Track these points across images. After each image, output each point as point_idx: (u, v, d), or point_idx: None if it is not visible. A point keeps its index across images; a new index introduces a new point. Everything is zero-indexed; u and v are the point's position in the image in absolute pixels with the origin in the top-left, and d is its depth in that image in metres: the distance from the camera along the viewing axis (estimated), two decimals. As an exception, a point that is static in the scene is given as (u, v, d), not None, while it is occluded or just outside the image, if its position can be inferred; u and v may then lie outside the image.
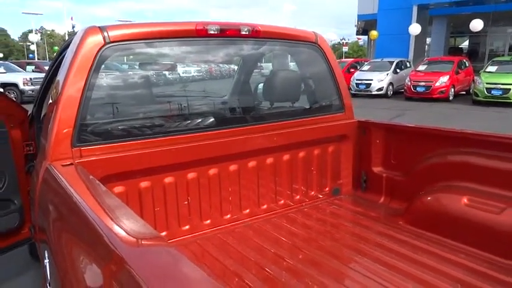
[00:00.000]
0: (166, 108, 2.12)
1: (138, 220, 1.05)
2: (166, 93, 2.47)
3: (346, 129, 2.46)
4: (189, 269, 0.80)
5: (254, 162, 2.16)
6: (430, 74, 14.20)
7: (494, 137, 1.91)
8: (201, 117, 2.05)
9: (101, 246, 0.93)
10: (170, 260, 0.86)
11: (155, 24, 1.88)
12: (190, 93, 2.50)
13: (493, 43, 23.94)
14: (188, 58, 2.32)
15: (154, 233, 0.99)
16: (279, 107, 2.41)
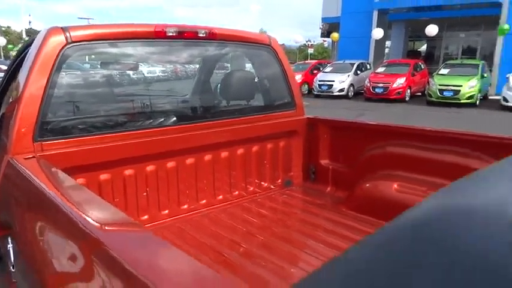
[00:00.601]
0: (124, 106, 2.24)
1: (109, 207, 1.15)
2: (125, 92, 2.59)
3: (296, 126, 2.67)
4: (166, 247, 0.85)
5: (210, 156, 2.33)
6: (388, 76, 14.85)
7: (420, 130, 2.19)
8: (158, 113, 2.20)
9: (75, 233, 0.97)
10: (147, 241, 0.91)
11: (116, 25, 2.01)
12: (149, 91, 2.63)
13: (448, 47, 25.20)
14: (147, 59, 2.45)
15: (127, 219, 1.07)
16: (235, 104, 2.58)
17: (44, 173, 1.54)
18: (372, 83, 14.88)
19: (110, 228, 1.02)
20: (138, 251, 0.83)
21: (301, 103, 2.74)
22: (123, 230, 1.03)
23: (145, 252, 0.82)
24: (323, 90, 16.09)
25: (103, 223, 1.02)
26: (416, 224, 0.45)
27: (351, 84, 16.24)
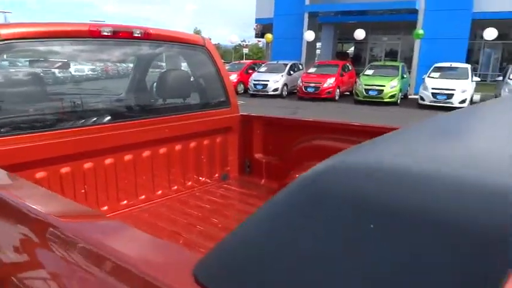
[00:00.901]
0: (57, 105, 2.22)
1: (63, 199, 1.19)
2: (59, 91, 2.56)
3: (231, 123, 2.82)
4: (131, 230, 0.90)
5: (149, 152, 2.40)
6: (319, 76, 15.58)
7: (341, 125, 2.45)
8: (94, 111, 2.22)
9: (37, 228, 0.97)
10: (113, 226, 0.96)
11: (49, 24, 2.01)
12: (83, 90, 2.63)
13: (373, 49, 26.93)
14: (81, 57, 2.45)
15: (88, 210, 1.11)
16: (172, 102, 2.66)
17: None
18: (304, 83, 15.52)
19: (72, 221, 1.04)
20: (93, 233, 0.91)
21: (236, 101, 2.89)
22: (78, 219, 1.05)
23: (99, 232, 0.91)
24: (258, 90, 16.46)
25: (66, 218, 1.04)
26: (308, 181, 0.60)
27: (285, 84, 16.78)
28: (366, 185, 0.52)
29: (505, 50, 23.30)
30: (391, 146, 0.68)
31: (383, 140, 0.74)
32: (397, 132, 0.81)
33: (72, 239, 0.86)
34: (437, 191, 0.45)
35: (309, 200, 0.57)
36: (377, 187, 0.50)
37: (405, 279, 0.42)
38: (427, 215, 0.43)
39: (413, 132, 0.77)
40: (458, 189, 0.44)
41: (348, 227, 0.50)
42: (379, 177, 0.52)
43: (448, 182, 0.46)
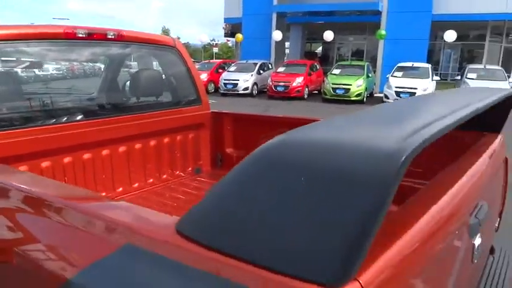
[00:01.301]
0: (36, 103, 2.32)
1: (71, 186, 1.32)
2: (37, 90, 2.65)
3: (203, 119, 2.99)
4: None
5: (124, 147, 2.53)
6: (287, 75, 15.90)
7: (303, 120, 2.67)
8: (70, 108, 2.34)
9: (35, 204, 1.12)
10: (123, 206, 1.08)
11: (25, 26, 2.11)
12: (60, 89, 2.72)
13: (340, 49, 27.60)
14: (57, 58, 2.55)
15: (94, 193, 1.24)
16: (146, 100, 2.79)
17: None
18: (274, 82, 15.80)
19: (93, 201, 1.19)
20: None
21: (206, 99, 3.06)
22: (81, 199, 1.18)
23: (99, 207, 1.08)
24: (229, 89, 16.61)
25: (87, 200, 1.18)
26: (264, 151, 0.79)
27: (255, 83, 17.01)
28: (303, 153, 0.72)
29: (464, 51, 24.45)
30: (325, 127, 0.88)
31: (322, 124, 0.94)
32: (334, 118, 1.01)
33: (78, 211, 1.03)
34: (341, 154, 0.66)
35: (264, 165, 0.76)
36: (309, 154, 0.70)
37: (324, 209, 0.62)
38: (334, 168, 0.64)
39: (346, 118, 0.98)
40: (353, 152, 0.65)
41: (291, 183, 0.69)
42: (311, 147, 0.72)
43: (350, 147, 0.66)
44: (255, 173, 0.75)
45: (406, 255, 0.77)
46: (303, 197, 0.66)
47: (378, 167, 0.60)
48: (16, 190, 1.23)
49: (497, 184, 1.73)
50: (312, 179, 0.65)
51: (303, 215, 0.65)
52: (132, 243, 0.86)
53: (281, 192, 0.70)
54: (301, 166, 0.69)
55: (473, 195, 1.21)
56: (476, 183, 1.26)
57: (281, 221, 0.67)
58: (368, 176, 0.60)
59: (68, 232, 0.99)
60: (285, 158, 0.73)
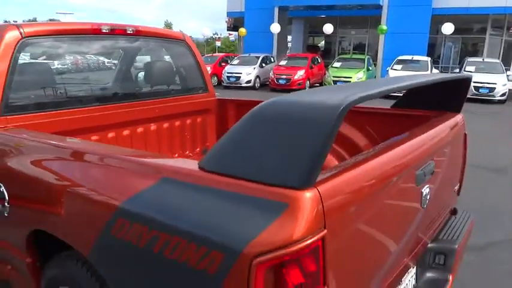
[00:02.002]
0: (74, 88, 2.69)
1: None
2: (73, 77, 3.02)
3: (209, 105, 3.36)
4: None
5: (142, 128, 2.90)
6: (289, 68, 16.23)
7: None
8: (100, 94, 2.71)
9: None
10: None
11: (61, 23, 2.48)
12: (92, 76, 3.10)
13: (342, 43, 27.84)
14: (86, 51, 2.91)
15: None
16: (160, 88, 3.16)
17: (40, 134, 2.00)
18: (276, 75, 16.14)
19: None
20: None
21: (212, 87, 3.43)
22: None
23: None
24: (231, 82, 16.95)
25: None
26: (260, 108, 1.15)
27: (257, 76, 17.34)
28: (282, 107, 1.10)
29: (465, 44, 24.65)
30: (298, 94, 1.24)
31: (297, 92, 1.30)
32: (307, 90, 1.38)
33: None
34: (306, 107, 1.03)
35: (258, 117, 1.13)
36: (286, 108, 1.08)
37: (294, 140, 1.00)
38: (301, 115, 1.01)
39: (313, 90, 1.34)
40: (314, 106, 1.02)
41: (275, 125, 1.07)
42: (287, 104, 1.10)
43: (311, 104, 1.04)
44: (253, 122, 1.12)
45: (354, 181, 1.15)
46: (281, 133, 1.03)
47: (326, 113, 0.96)
48: (78, 149, 1.62)
49: (456, 154, 2.09)
50: (287, 122, 1.02)
51: (282, 144, 1.02)
52: (167, 177, 1.23)
53: (268, 131, 1.07)
54: (281, 115, 1.07)
55: (422, 153, 1.58)
56: (426, 144, 1.63)
57: (268, 150, 1.04)
58: (321, 118, 0.97)
59: (120, 174, 1.36)
60: (271, 111, 1.10)
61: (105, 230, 1.29)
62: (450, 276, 1.94)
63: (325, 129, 0.96)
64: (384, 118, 2.49)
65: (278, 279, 0.98)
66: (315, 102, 1.05)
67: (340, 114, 0.96)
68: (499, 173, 5.82)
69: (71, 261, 1.62)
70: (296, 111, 1.05)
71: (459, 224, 2.20)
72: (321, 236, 0.99)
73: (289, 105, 1.10)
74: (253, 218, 1.00)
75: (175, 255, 1.10)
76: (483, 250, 3.43)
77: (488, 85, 13.82)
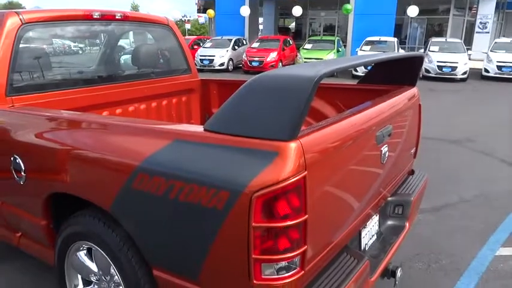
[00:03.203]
0: (72, 70, 2.89)
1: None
2: (70, 60, 3.20)
3: (193, 85, 3.61)
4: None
5: (133, 107, 3.14)
6: (262, 51, 16.46)
7: None
8: (94, 76, 2.93)
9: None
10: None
11: (57, 10, 2.67)
12: (85, 60, 3.29)
13: (312, 24, 28.19)
14: (79, 36, 3.10)
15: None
16: (147, 69, 3.38)
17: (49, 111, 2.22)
18: (249, 57, 16.35)
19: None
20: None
21: (195, 69, 3.68)
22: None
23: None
24: (205, 65, 17.03)
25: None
26: (254, 80, 1.44)
27: (230, 59, 17.49)
28: (270, 79, 1.41)
29: (430, 25, 25.50)
30: (283, 69, 1.55)
31: (283, 68, 1.61)
32: (289, 66, 1.69)
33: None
34: (288, 79, 1.36)
35: (252, 87, 1.42)
36: (272, 79, 1.39)
37: (279, 103, 1.31)
38: (284, 85, 1.33)
39: (296, 66, 1.65)
40: (295, 77, 1.34)
41: (265, 93, 1.37)
42: (273, 76, 1.41)
43: (292, 76, 1.36)
44: (248, 91, 1.41)
45: (327, 136, 1.48)
46: (271, 99, 1.34)
47: (305, 82, 1.28)
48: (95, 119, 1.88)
49: (411, 121, 2.46)
50: (275, 90, 1.34)
51: (271, 108, 1.33)
52: (178, 139, 1.52)
53: (261, 98, 1.37)
54: (270, 85, 1.38)
55: (381, 117, 1.92)
56: (385, 110, 1.98)
57: (260, 112, 1.34)
58: (301, 86, 1.28)
59: (138, 138, 1.64)
60: (262, 82, 1.41)
61: (126, 184, 1.58)
62: (407, 223, 2.34)
63: (305, 95, 1.27)
64: (351, 93, 2.84)
65: (271, 210, 1.31)
66: (296, 75, 1.37)
67: (316, 83, 1.28)
68: (457, 144, 6.38)
69: (87, 219, 1.89)
70: (282, 81, 1.36)
71: (415, 181, 2.60)
72: (303, 176, 1.32)
73: (277, 77, 1.41)
74: (251, 164, 1.32)
75: (189, 198, 1.41)
76: (440, 210, 3.90)
77: (450, 64, 14.54)
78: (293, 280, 1.38)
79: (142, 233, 1.63)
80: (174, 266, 1.57)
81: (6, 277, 2.76)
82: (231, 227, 1.34)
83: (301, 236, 1.36)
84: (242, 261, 1.34)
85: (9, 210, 2.34)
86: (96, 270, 1.97)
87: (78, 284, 2.11)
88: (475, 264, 2.91)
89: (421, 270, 2.83)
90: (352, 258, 1.75)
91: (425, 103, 2.76)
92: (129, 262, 1.72)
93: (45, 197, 2.03)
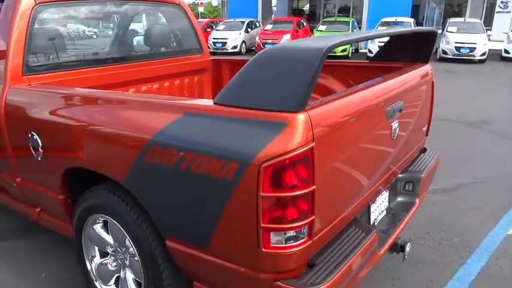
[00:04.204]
0: (85, 51, 2.92)
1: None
2: (84, 42, 3.25)
3: (205, 65, 3.63)
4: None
5: (145, 87, 3.18)
6: (275, 33, 16.31)
7: None
8: (108, 56, 2.97)
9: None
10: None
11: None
12: (97, 40, 3.33)
13: (326, 6, 27.71)
14: (93, 15, 3.13)
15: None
16: (160, 50, 3.40)
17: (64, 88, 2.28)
18: (262, 40, 16.21)
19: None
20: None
21: (207, 48, 3.69)
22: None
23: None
24: (218, 48, 16.98)
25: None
26: (263, 52, 1.46)
27: (243, 41, 17.39)
28: (279, 51, 1.42)
29: (449, 5, 24.81)
30: (292, 42, 1.56)
31: (292, 41, 1.62)
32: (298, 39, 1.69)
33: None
34: (297, 50, 1.35)
35: (261, 60, 1.43)
36: (281, 51, 1.40)
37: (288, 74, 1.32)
38: (294, 56, 1.34)
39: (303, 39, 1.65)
40: (303, 49, 1.34)
41: (275, 64, 1.38)
42: (283, 49, 1.42)
43: (301, 48, 1.36)
44: (256, 64, 1.43)
45: (335, 109, 1.49)
46: (279, 71, 1.35)
47: (313, 54, 1.29)
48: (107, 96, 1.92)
49: (423, 98, 2.44)
50: (283, 62, 1.35)
51: (280, 80, 1.34)
52: (189, 112, 1.55)
53: (269, 71, 1.39)
54: (279, 57, 1.39)
55: (392, 93, 1.92)
56: (396, 86, 1.97)
57: (269, 85, 1.36)
58: (309, 58, 1.29)
59: (150, 112, 1.68)
60: (271, 55, 1.42)
61: (139, 158, 1.62)
62: (417, 200, 2.35)
63: (313, 66, 1.28)
64: (363, 71, 2.82)
65: (279, 180, 1.33)
66: (304, 46, 1.37)
67: (324, 54, 1.29)
68: (473, 126, 6.28)
69: (102, 192, 1.96)
70: (290, 53, 1.37)
71: (427, 159, 2.59)
72: (310, 147, 1.34)
73: (285, 50, 1.42)
74: (260, 135, 1.34)
75: (200, 169, 1.45)
76: (453, 191, 3.88)
77: (468, 45, 14.18)
78: (301, 249, 1.41)
79: (155, 204, 1.68)
80: (186, 236, 1.62)
81: (28, 251, 2.88)
82: (240, 197, 1.38)
83: (309, 207, 1.39)
84: (251, 230, 1.38)
85: (28, 186, 2.42)
86: (112, 242, 2.04)
87: (95, 255, 2.20)
88: (486, 243, 2.90)
89: (431, 248, 2.85)
90: (361, 231, 1.77)
91: (442, 85, 2.74)
92: (143, 234, 1.78)
93: (62, 173, 2.10)
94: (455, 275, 2.54)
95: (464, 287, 2.43)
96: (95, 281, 2.20)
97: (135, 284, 2.03)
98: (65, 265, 2.65)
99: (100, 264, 2.18)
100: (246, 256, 1.46)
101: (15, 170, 2.44)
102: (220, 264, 1.54)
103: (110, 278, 2.15)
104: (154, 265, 1.78)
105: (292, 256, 1.42)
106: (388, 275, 2.53)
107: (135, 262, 1.91)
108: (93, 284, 2.20)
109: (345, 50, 15.17)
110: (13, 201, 2.70)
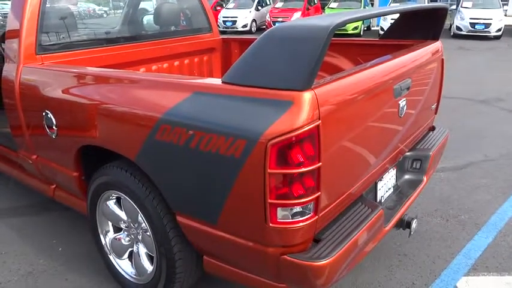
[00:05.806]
0: (97, 30, 2.95)
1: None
2: (95, 21, 3.26)
3: (214, 44, 3.63)
4: None
5: (155, 66, 3.20)
6: (285, 11, 16.06)
7: None
8: (118, 35, 2.99)
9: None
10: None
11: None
12: (108, 20, 3.35)
13: (339, -18, 27.01)
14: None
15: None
16: (170, 29, 3.41)
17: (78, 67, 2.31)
18: (272, 18, 15.99)
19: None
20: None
21: (216, 27, 3.68)
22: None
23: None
24: (228, 26, 16.80)
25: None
26: (271, 30, 1.46)
27: (254, 20, 17.16)
28: (287, 29, 1.43)
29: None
30: (298, 20, 1.56)
31: (298, 20, 1.62)
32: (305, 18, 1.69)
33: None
34: (305, 28, 1.37)
35: (268, 38, 1.44)
36: (289, 29, 1.41)
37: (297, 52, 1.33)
38: (301, 34, 1.35)
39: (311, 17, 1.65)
40: (310, 27, 1.35)
41: (282, 46, 1.40)
42: (290, 27, 1.43)
43: (309, 26, 1.37)
44: (263, 43, 1.44)
45: (341, 87, 1.51)
46: (285, 50, 1.37)
47: (319, 32, 1.30)
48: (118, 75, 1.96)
49: (433, 75, 2.42)
50: (290, 40, 1.36)
51: (286, 59, 1.36)
52: (198, 91, 1.58)
53: (276, 49, 1.40)
54: (286, 36, 1.39)
55: (400, 70, 1.92)
56: (404, 63, 1.96)
57: (275, 63, 1.38)
58: (314, 36, 1.30)
59: (160, 91, 1.71)
60: (277, 33, 1.43)
61: (150, 135, 1.66)
62: (425, 177, 2.36)
63: (319, 44, 1.29)
64: (373, 48, 2.80)
65: (285, 157, 1.36)
66: (311, 24, 1.38)
67: (330, 33, 1.29)
68: (486, 104, 6.19)
69: (115, 170, 2.01)
70: (297, 31, 1.38)
71: (435, 137, 2.59)
72: (317, 125, 1.36)
73: (292, 28, 1.43)
74: (267, 113, 1.37)
75: (209, 147, 1.48)
76: (463, 169, 3.88)
77: (484, 21, 13.80)
78: (307, 224, 1.46)
79: (166, 181, 1.73)
80: (196, 212, 1.67)
81: (45, 227, 2.99)
82: (248, 173, 1.41)
83: (315, 183, 1.42)
84: (259, 205, 1.42)
85: (43, 163, 2.50)
86: (125, 218, 2.11)
87: (109, 230, 2.28)
88: (494, 219, 2.92)
89: (439, 225, 2.87)
90: (367, 207, 1.81)
91: (455, 62, 2.71)
92: (154, 210, 1.84)
93: (76, 150, 2.16)
94: (462, 250, 2.58)
95: (470, 262, 2.46)
96: (109, 254, 2.28)
97: (147, 258, 2.11)
98: (80, 240, 2.75)
99: (114, 239, 2.26)
100: (254, 231, 1.51)
101: (31, 147, 2.51)
102: (229, 239, 1.59)
103: (123, 252, 2.23)
104: (166, 240, 1.85)
105: (299, 231, 1.46)
106: (395, 251, 2.57)
107: (148, 237, 1.98)
108: (107, 257, 2.29)
109: (356, 27, 14.91)
110: (30, 178, 2.79)
